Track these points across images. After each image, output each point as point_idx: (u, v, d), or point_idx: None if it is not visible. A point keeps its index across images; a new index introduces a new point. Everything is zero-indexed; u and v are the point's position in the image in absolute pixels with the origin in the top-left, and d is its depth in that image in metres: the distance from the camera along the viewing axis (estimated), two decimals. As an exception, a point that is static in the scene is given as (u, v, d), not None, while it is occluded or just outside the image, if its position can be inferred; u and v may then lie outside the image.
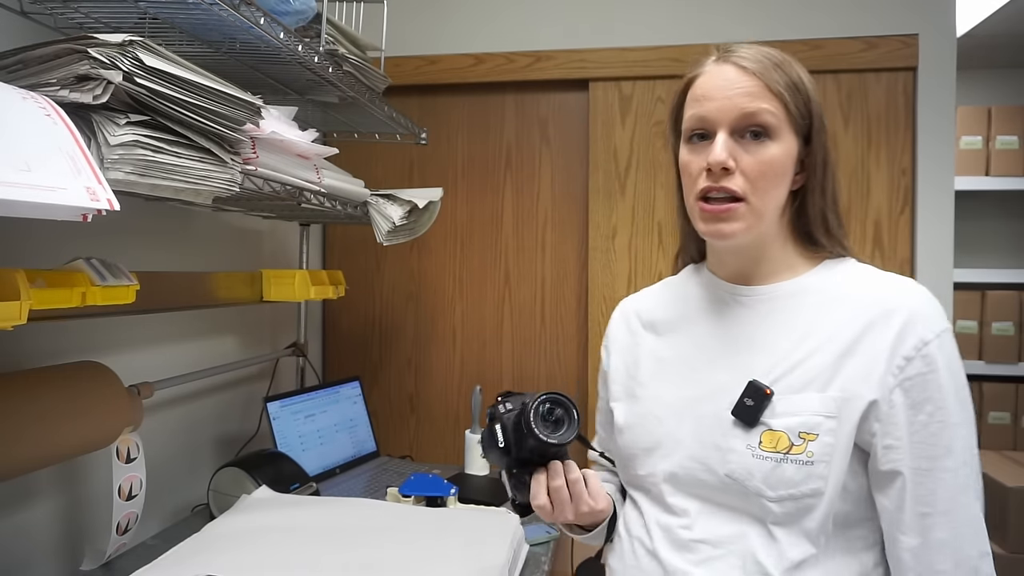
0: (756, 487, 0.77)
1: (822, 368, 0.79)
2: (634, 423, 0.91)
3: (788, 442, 0.77)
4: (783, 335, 0.83)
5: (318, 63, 1.16)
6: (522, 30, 1.96)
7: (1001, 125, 2.69)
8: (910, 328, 0.77)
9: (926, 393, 0.76)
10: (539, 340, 2.02)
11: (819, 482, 0.76)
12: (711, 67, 0.83)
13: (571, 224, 2.00)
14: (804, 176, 0.85)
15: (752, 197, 0.79)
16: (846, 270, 0.86)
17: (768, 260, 0.86)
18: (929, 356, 0.76)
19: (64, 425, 0.95)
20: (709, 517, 0.82)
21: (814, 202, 0.85)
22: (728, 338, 0.87)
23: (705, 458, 0.82)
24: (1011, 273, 2.74)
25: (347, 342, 2.13)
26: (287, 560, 1.04)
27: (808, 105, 0.82)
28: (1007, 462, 2.40)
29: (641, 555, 0.85)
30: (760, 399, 0.79)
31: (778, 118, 0.79)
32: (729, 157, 0.78)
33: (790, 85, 0.81)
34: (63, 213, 0.61)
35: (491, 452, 0.87)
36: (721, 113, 0.80)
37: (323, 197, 1.28)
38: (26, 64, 0.78)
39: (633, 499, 0.91)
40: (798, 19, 1.84)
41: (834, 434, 0.76)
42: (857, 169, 1.83)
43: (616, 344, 1.00)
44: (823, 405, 0.77)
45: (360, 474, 1.70)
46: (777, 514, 0.77)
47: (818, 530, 0.77)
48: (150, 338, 1.36)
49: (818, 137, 0.83)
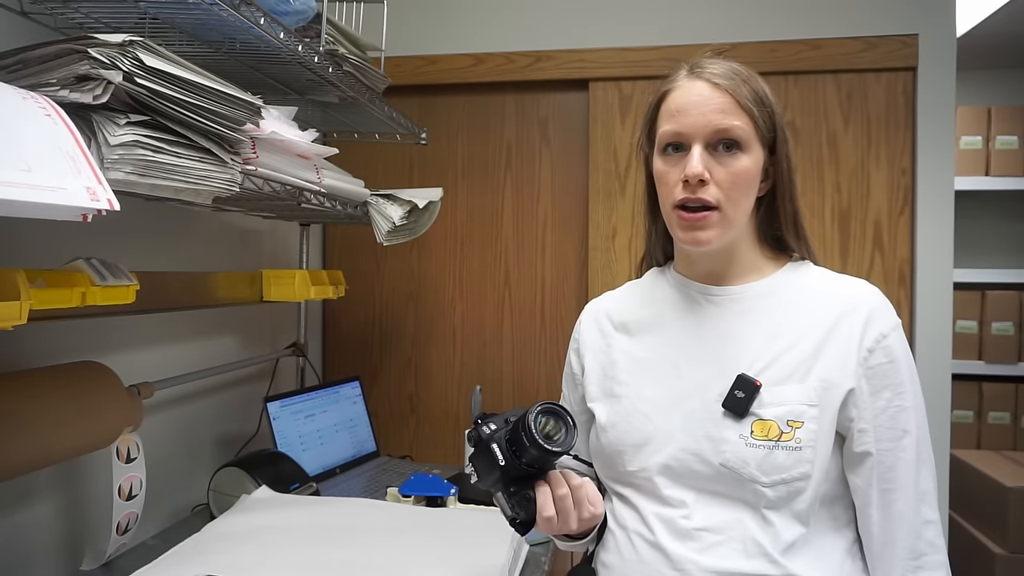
0: (751, 474, 0.83)
1: (800, 361, 0.86)
2: (619, 421, 0.94)
3: (778, 430, 0.83)
4: (758, 332, 0.89)
5: (318, 63, 1.16)
6: (522, 30, 1.96)
7: (1001, 125, 2.69)
8: (871, 322, 0.86)
9: (886, 380, 0.85)
10: (539, 340, 2.02)
11: (807, 466, 0.82)
12: (684, 82, 0.89)
13: (571, 224, 2.00)
14: (769, 183, 0.91)
15: (726, 206, 0.86)
16: (809, 272, 0.94)
17: (737, 262, 0.93)
18: (888, 347, 0.85)
19: (64, 425, 0.95)
20: (706, 506, 0.86)
21: (784, 207, 0.92)
22: (705, 336, 0.92)
23: (698, 449, 0.86)
24: (1011, 273, 2.74)
25: (347, 342, 2.13)
26: (287, 560, 1.04)
27: (772, 117, 0.89)
28: (1007, 462, 2.40)
29: (642, 548, 0.87)
30: (751, 391, 0.84)
31: (747, 132, 0.86)
32: (705, 170, 0.85)
33: (757, 100, 0.87)
34: (63, 213, 0.61)
35: (488, 475, 0.86)
36: (696, 128, 0.86)
37: (323, 197, 1.28)
38: (26, 64, 0.78)
39: (620, 495, 0.94)
40: (798, 19, 1.84)
41: (817, 421, 0.83)
42: (857, 169, 1.83)
43: (588, 346, 1.05)
44: (805, 395, 0.84)
45: (360, 474, 1.70)
46: (771, 498, 0.83)
47: (807, 511, 0.83)
48: (150, 338, 1.36)
49: (782, 147, 0.90)
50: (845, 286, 0.91)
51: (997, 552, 2.16)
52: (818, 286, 0.91)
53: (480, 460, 0.86)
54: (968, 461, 2.40)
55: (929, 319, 1.79)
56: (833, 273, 0.94)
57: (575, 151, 2.00)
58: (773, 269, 0.94)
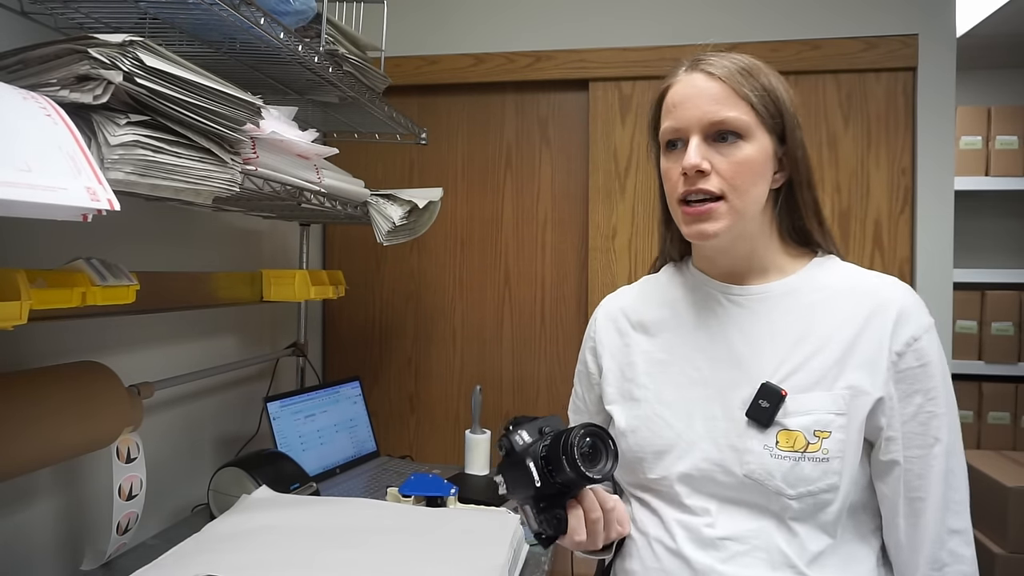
0: (776, 486, 0.79)
1: (827, 367, 0.81)
2: (639, 426, 0.90)
3: (804, 441, 0.79)
4: (783, 335, 0.84)
5: (318, 63, 1.16)
6: (522, 30, 1.96)
7: (1001, 125, 2.69)
8: (903, 323, 0.81)
9: (917, 385, 0.80)
10: (539, 340, 2.02)
11: (835, 477, 0.79)
12: (682, 76, 0.87)
13: (571, 224, 2.00)
14: (785, 174, 0.87)
15: (731, 195, 0.82)
16: (834, 269, 0.89)
17: (757, 259, 0.88)
18: (920, 350, 0.80)
19: (64, 425, 0.94)
20: (729, 515, 0.83)
21: (803, 196, 0.88)
22: (727, 338, 0.88)
23: (721, 460, 0.83)
24: (1011, 273, 2.74)
25: (347, 342, 2.13)
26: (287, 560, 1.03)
27: (778, 105, 0.84)
28: (1007, 462, 2.40)
29: (663, 556, 0.85)
30: (775, 400, 0.80)
31: (747, 120, 0.82)
32: (703, 160, 0.81)
33: (757, 87, 0.83)
34: (63, 213, 0.61)
35: (519, 491, 0.81)
36: (691, 120, 0.83)
37: (323, 197, 1.28)
38: (26, 64, 0.78)
39: (641, 500, 0.91)
40: (798, 19, 1.84)
41: (845, 430, 0.79)
42: (857, 169, 1.83)
43: (605, 346, 0.99)
44: (833, 403, 0.80)
45: (360, 474, 1.70)
46: (796, 510, 0.79)
47: (834, 522, 0.80)
48: (150, 338, 1.36)
49: (793, 134, 0.85)
50: (874, 284, 0.85)
51: (997, 552, 2.15)
52: (845, 284, 0.86)
53: (512, 474, 0.82)
54: (968, 461, 2.38)
55: (929, 319, 1.78)
56: (861, 270, 0.89)
57: (575, 151, 2.00)
58: (797, 267, 0.89)
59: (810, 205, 0.88)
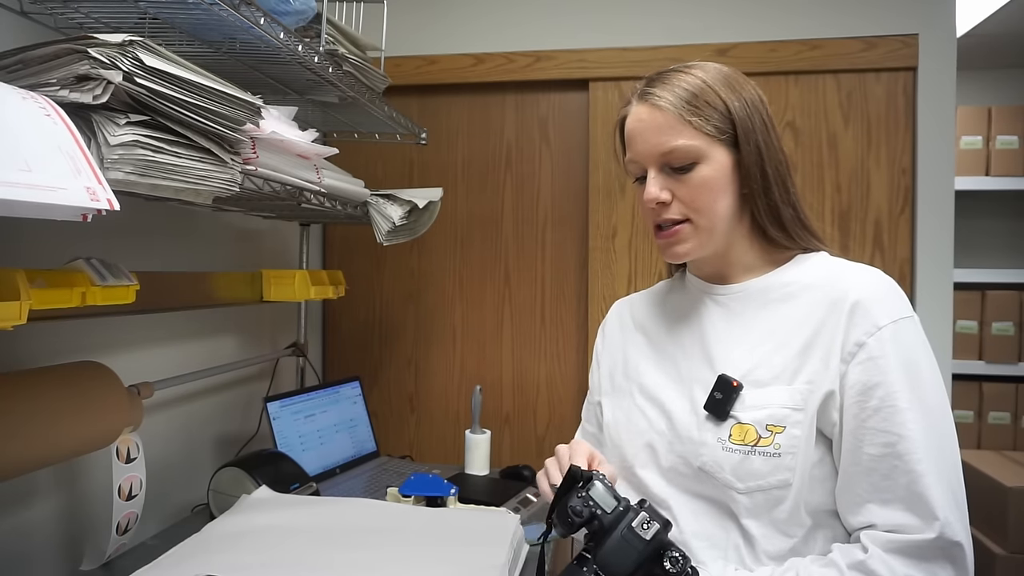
0: (725, 479, 0.80)
1: (788, 361, 0.82)
2: (620, 417, 0.95)
3: (756, 435, 0.80)
4: (751, 330, 0.87)
5: (318, 63, 1.16)
6: (522, 30, 1.96)
7: (1001, 125, 2.69)
8: (859, 314, 0.79)
9: (877, 378, 0.76)
10: (539, 340, 2.02)
11: (787, 473, 0.78)
12: (633, 107, 0.89)
13: (571, 224, 2.00)
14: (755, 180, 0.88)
15: (695, 217, 0.85)
16: (811, 264, 0.88)
17: (738, 261, 0.91)
18: (881, 341, 0.77)
19: (64, 425, 0.94)
20: (692, 511, 0.85)
21: (757, 203, 0.87)
22: (703, 335, 0.91)
23: (683, 451, 0.86)
24: (1011, 273, 2.74)
25: (347, 342, 2.13)
26: (287, 560, 1.03)
27: (731, 117, 0.84)
28: (1007, 462, 2.40)
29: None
30: (728, 392, 0.82)
31: (695, 144, 0.83)
32: (662, 191, 0.85)
33: (703, 108, 0.83)
34: (63, 213, 0.61)
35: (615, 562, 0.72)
36: (644, 154, 0.86)
37: (323, 197, 1.28)
38: (26, 64, 0.78)
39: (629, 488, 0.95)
40: (797, 19, 1.84)
41: (801, 426, 0.79)
42: (857, 169, 1.83)
43: (609, 340, 1.06)
44: (790, 398, 0.79)
45: (360, 474, 1.70)
46: (747, 506, 0.80)
47: (788, 521, 0.79)
48: (150, 338, 1.36)
49: (748, 139, 0.84)
50: (839, 276, 0.84)
51: (997, 552, 2.15)
52: (813, 278, 0.86)
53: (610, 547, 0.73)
54: (968, 461, 2.40)
55: (929, 319, 1.78)
56: (838, 262, 0.88)
57: (575, 151, 2.00)
58: (777, 265, 0.90)
59: (786, 203, 0.87)
